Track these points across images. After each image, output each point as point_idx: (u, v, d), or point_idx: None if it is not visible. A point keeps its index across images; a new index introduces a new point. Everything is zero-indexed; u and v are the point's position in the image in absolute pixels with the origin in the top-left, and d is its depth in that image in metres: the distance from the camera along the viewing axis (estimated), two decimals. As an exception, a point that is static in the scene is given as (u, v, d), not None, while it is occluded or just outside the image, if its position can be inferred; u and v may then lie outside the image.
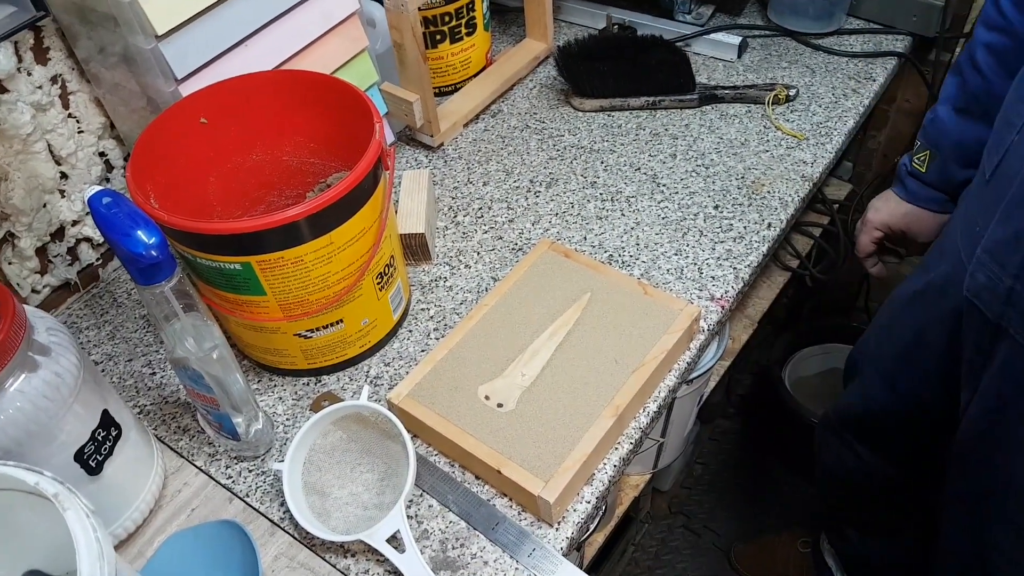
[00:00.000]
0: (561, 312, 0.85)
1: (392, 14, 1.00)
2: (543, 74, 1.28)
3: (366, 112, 0.79)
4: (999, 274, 0.71)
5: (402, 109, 1.09)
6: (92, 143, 0.96)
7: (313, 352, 0.85)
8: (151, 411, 0.88)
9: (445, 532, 0.75)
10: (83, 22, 0.85)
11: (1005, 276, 0.71)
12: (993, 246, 0.72)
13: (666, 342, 0.82)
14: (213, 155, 0.87)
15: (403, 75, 1.07)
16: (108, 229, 0.62)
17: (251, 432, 0.79)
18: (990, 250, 0.73)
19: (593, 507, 0.76)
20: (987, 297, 0.74)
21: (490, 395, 0.79)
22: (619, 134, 1.15)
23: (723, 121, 1.15)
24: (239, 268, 0.74)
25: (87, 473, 0.69)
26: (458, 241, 1.02)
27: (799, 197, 1.02)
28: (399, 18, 0.99)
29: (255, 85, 0.85)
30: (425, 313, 0.94)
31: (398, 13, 0.99)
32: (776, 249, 1.04)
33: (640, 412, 0.82)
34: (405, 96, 1.07)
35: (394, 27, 1.01)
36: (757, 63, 1.24)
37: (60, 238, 0.96)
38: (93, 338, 0.96)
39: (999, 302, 0.72)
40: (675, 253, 0.97)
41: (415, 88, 1.07)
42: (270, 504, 0.79)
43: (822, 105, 1.15)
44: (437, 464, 0.80)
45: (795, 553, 1.54)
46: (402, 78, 1.08)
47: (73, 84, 0.92)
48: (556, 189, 1.07)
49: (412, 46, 1.02)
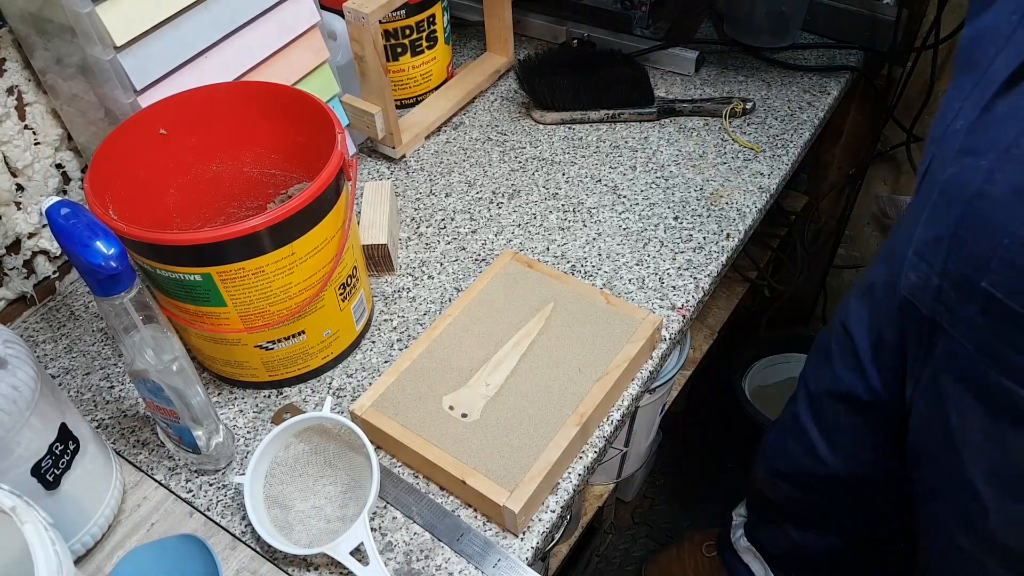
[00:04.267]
0: (525, 322, 0.86)
1: (353, 26, 1.00)
2: (504, 87, 1.28)
3: (328, 123, 0.79)
4: (928, 273, 0.76)
5: (364, 121, 1.09)
6: (49, 155, 0.95)
7: (275, 364, 0.84)
8: (109, 425, 0.87)
9: (410, 544, 0.75)
10: (40, 33, 0.84)
11: (933, 275, 0.75)
12: (920, 247, 0.77)
13: (629, 351, 0.83)
14: (173, 166, 0.86)
15: (365, 87, 1.07)
16: (66, 240, 0.61)
17: (212, 445, 0.78)
18: (918, 251, 0.77)
19: (558, 516, 0.77)
20: (920, 294, 0.79)
21: (454, 405, 0.79)
22: (580, 146, 1.16)
23: (681, 134, 1.16)
24: (199, 279, 0.73)
25: (44, 488, 0.68)
26: (421, 252, 1.02)
27: (757, 208, 1.04)
28: (360, 30, 0.99)
29: (215, 96, 0.85)
30: (388, 324, 0.94)
31: (359, 26, 0.99)
32: (735, 260, 1.06)
33: (604, 421, 0.82)
34: (367, 108, 1.07)
35: (355, 39, 1.01)
36: (714, 77, 1.27)
37: (16, 251, 0.95)
38: (50, 352, 0.94)
39: (930, 299, 0.77)
40: (636, 263, 0.98)
41: (376, 100, 1.07)
42: (231, 518, 0.78)
43: (778, 118, 1.17)
44: (401, 475, 0.80)
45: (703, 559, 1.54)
46: (364, 90, 1.08)
47: (29, 95, 0.91)
48: (518, 200, 1.08)
49: (373, 58, 1.02)
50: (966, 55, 0.70)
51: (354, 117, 1.10)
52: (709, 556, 1.53)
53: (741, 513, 1.44)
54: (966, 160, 0.68)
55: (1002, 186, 0.64)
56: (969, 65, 0.69)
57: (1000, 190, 0.65)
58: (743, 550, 1.41)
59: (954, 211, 0.70)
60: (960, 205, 0.69)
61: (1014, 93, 0.64)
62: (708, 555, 1.53)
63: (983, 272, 0.68)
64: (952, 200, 0.70)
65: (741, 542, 1.41)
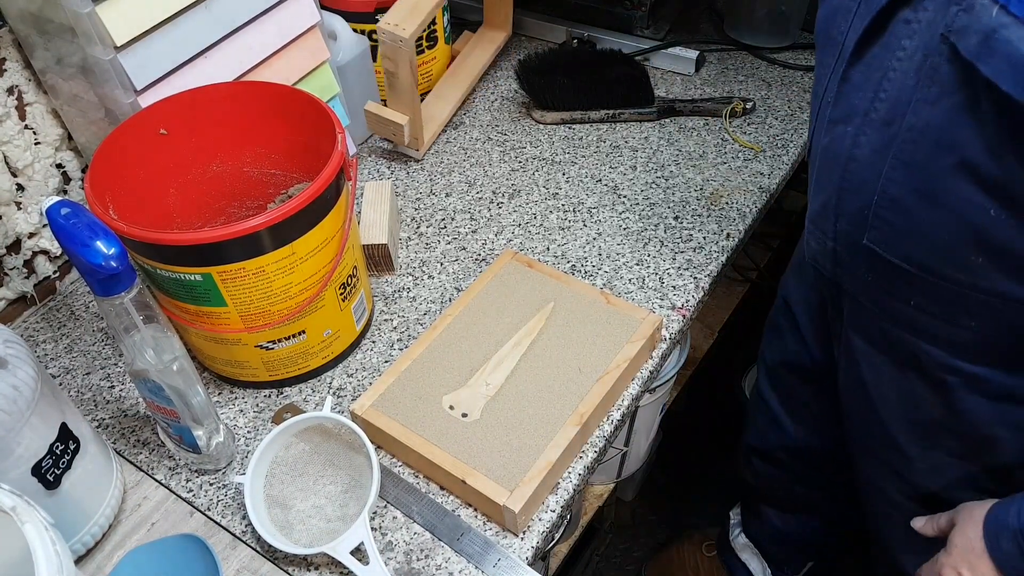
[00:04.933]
0: (525, 322, 0.86)
1: (388, 47, 1.01)
2: (504, 87, 1.28)
3: (328, 123, 0.79)
4: (823, 238, 0.80)
5: (389, 129, 1.10)
6: (49, 154, 0.95)
7: (275, 364, 0.84)
8: (110, 424, 0.87)
9: (410, 543, 0.75)
10: (40, 33, 0.84)
11: (827, 239, 0.79)
12: (814, 215, 0.81)
13: (629, 351, 0.83)
14: (173, 166, 0.86)
15: (393, 98, 1.08)
16: (67, 240, 0.61)
17: (212, 445, 0.78)
18: (813, 219, 0.82)
19: (558, 516, 0.77)
20: (822, 260, 0.83)
21: (455, 405, 0.79)
22: (580, 146, 1.16)
23: (682, 134, 1.16)
24: (199, 279, 0.73)
25: (45, 487, 0.68)
26: (421, 252, 1.02)
27: (757, 208, 1.04)
28: (396, 51, 1.01)
29: (215, 96, 0.85)
30: (388, 324, 0.94)
31: (395, 47, 1.00)
32: (735, 259, 1.06)
33: (604, 421, 0.83)
34: (395, 118, 1.08)
35: (389, 58, 1.02)
36: (714, 77, 1.27)
37: (16, 251, 0.95)
38: (51, 351, 0.94)
39: (829, 262, 0.81)
40: (636, 263, 0.98)
41: (406, 110, 1.08)
42: (232, 517, 0.78)
43: (778, 118, 1.17)
44: (401, 475, 0.80)
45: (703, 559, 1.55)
46: (391, 100, 1.08)
47: (30, 95, 0.91)
48: (519, 200, 1.08)
49: (407, 75, 1.04)
50: (824, 33, 0.74)
51: (377, 125, 1.11)
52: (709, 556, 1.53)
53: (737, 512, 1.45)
54: (836, 128, 0.72)
55: (865, 148, 0.69)
56: (828, 42, 0.73)
57: (864, 152, 0.69)
58: (741, 547, 1.41)
59: (834, 177, 0.74)
60: (838, 170, 0.73)
61: (863, 62, 0.68)
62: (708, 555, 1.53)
63: (863, 230, 0.72)
64: (831, 167, 0.74)
65: (740, 539, 1.42)
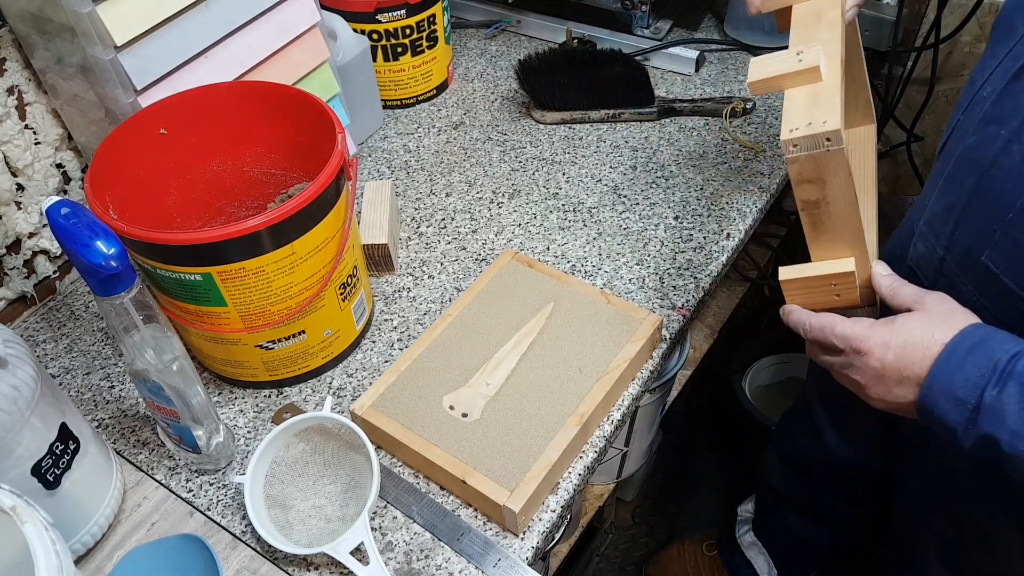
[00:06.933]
0: (525, 322, 0.86)
1: (810, 161, 0.64)
2: (504, 87, 1.28)
3: (328, 123, 0.79)
4: (934, 245, 0.74)
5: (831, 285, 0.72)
6: (49, 154, 0.95)
7: (275, 364, 0.84)
8: (110, 424, 0.87)
9: (410, 544, 0.75)
10: (40, 32, 0.84)
11: (938, 247, 0.73)
12: (932, 217, 0.75)
13: (629, 351, 0.83)
14: (173, 166, 0.86)
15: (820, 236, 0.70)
16: (67, 240, 0.61)
17: (212, 445, 0.78)
18: (929, 221, 0.75)
19: (558, 516, 0.76)
20: (924, 266, 0.77)
21: (455, 405, 0.79)
22: (580, 146, 1.16)
23: (682, 133, 1.16)
24: (199, 279, 0.73)
25: (45, 487, 0.68)
26: (421, 252, 1.02)
27: (757, 208, 1.04)
28: (824, 161, 0.64)
29: (215, 96, 0.85)
30: (388, 324, 0.94)
31: (822, 155, 0.64)
32: (735, 259, 1.06)
33: (604, 421, 0.82)
34: (840, 268, 0.70)
35: (811, 181, 0.66)
36: (714, 76, 1.27)
37: (16, 250, 0.95)
38: (50, 351, 0.94)
39: (933, 271, 0.75)
40: (637, 263, 0.98)
41: (845, 248, 0.70)
42: (231, 517, 0.78)
43: (778, 117, 1.17)
44: (401, 475, 0.79)
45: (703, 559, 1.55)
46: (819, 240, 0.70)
47: (30, 95, 0.91)
48: (519, 200, 1.08)
49: (843, 193, 0.66)
50: (1006, 22, 0.67)
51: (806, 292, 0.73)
52: (709, 555, 1.53)
53: (748, 509, 1.44)
54: (988, 129, 0.65)
55: (1016, 156, 0.61)
56: (1007, 32, 0.66)
57: (1014, 160, 0.62)
58: (748, 545, 1.41)
59: (970, 180, 0.67)
60: (976, 174, 0.66)
61: None
62: (708, 554, 1.53)
63: (985, 246, 0.66)
64: (970, 169, 0.67)
65: (747, 537, 1.41)
